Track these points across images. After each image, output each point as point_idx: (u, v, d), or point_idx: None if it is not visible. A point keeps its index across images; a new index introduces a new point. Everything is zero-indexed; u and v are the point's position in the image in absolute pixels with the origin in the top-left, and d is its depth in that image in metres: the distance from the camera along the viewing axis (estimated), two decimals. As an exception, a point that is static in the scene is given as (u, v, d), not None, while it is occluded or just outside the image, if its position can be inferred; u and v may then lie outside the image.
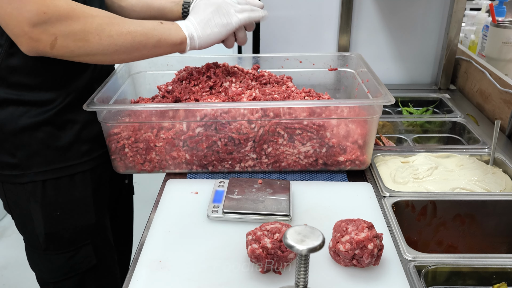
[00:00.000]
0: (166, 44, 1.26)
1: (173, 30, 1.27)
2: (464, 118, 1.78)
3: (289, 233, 0.78)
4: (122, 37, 1.17)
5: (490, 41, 2.02)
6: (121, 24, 1.18)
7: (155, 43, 1.24)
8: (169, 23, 1.28)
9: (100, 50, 1.16)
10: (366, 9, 2.06)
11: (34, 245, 1.39)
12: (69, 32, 1.11)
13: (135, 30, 1.20)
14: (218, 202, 1.22)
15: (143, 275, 1.02)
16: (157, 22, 1.26)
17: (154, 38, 1.23)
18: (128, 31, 1.18)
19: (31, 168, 1.29)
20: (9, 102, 1.23)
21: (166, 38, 1.25)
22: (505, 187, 1.37)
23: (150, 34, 1.22)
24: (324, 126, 1.32)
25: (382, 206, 1.25)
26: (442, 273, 1.06)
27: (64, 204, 1.35)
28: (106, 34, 1.15)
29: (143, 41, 1.21)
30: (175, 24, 1.29)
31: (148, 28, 1.22)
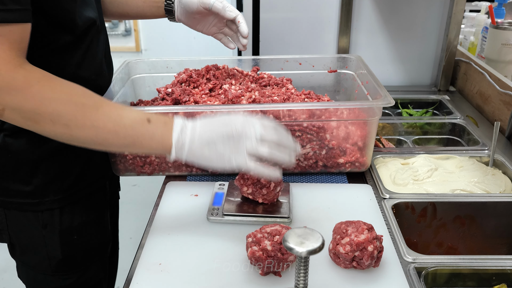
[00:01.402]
0: (142, 147, 1.03)
1: (157, 135, 1.02)
2: (463, 120, 1.78)
3: (288, 236, 0.78)
4: (82, 131, 0.99)
5: (489, 43, 2.02)
6: (87, 115, 0.99)
7: (127, 144, 1.02)
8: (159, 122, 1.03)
9: (53, 135, 1.01)
10: (366, 11, 2.06)
11: (41, 268, 1.31)
12: (17, 108, 0.96)
13: (103, 126, 0.99)
14: (218, 205, 1.22)
15: (143, 277, 1.02)
16: (143, 118, 1.02)
17: (127, 139, 1.01)
18: (92, 125, 0.98)
19: (47, 195, 1.23)
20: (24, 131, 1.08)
21: (143, 142, 1.02)
22: (505, 189, 1.37)
23: (122, 134, 1.00)
24: (324, 128, 1.32)
25: (382, 208, 1.25)
26: (442, 274, 1.06)
27: (80, 227, 1.30)
28: (62, 123, 0.98)
29: (109, 139, 1.01)
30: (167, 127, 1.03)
31: (124, 125, 1.00)
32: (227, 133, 1.00)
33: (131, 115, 1.02)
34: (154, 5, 1.47)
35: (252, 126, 1.00)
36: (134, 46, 4.63)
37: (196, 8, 1.40)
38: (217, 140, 1.00)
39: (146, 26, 4.55)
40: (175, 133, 1.01)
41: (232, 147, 1.00)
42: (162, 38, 4.52)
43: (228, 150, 1.00)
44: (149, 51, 4.65)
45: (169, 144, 1.01)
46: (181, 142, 1.01)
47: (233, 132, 1.00)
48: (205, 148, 1.01)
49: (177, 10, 1.45)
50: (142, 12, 1.49)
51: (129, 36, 4.62)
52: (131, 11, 1.50)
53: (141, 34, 4.61)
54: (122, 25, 4.55)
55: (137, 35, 4.58)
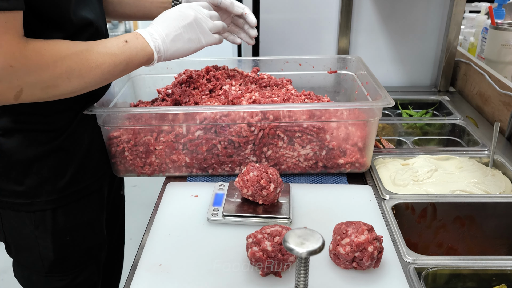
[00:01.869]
0: (133, 65, 1.18)
1: (139, 49, 1.18)
2: (463, 120, 1.78)
3: (289, 236, 0.78)
4: (91, 74, 1.09)
5: (489, 44, 2.02)
6: (89, 58, 1.08)
7: (123, 68, 1.15)
8: (134, 39, 1.18)
9: (69, 91, 1.09)
10: (366, 12, 2.07)
11: (35, 268, 1.32)
12: (37, 82, 1.02)
13: (103, 62, 1.10)
14: (218, 205, 1.22)
15: (143, 278, 1.02)
16: (122, 41, 1.16)
17: (122, 64, 1.15)
18: (96, 64, 1.09)
19: (39, 196, 1.23)
20: (17, 130, 1.18)
21: (133, 59, 1.17)
22: (505, 189, 1.37)
23: (118, 61, 1.14)
24: (324, 129, 1.32)
25: (382, 208, 1.25)
26: (442, 275, 1.06)
27: (74, 229, 1.30)
28: (76, 74, 1.07)
29: (111, 70, 1.13)
30: (140, 39, 1.19)
31: (114, 53, 1.13)
32: (187, 23, 1.23)
33: (113, 43, 1.15)
34: (161, 5, 1.48)
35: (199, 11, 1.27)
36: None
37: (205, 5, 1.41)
38: (183, 32, 1.23)
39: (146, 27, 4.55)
40: (150, 42, 1.19)
41: (197, 31, 1.25)
42: (162, 39, 4.51)
43: (194, 35, 1.25)
44: (149, 52, 4.65)
45: (150, 51, 1.19)
46: (157, 46, 1.20)
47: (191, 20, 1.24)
48: (177, 42, 1.22)
49: None
50: (149, 13, 1.49)
51: (129, 37, 4.62)
52: (138, 12, 1.51)
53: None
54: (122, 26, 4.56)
55: (137, 36, 4.58)
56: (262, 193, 1.17)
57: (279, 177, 1.20)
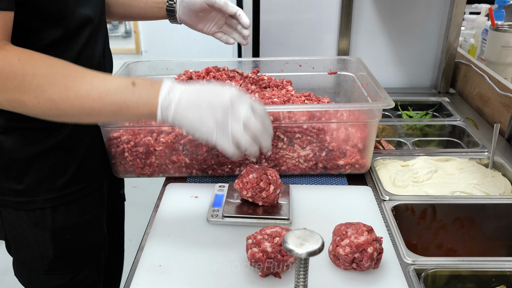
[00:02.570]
0: (130, 113, 1.00)
1: (143, 97, 0.99)
2: (463, 122, 1.78)
3: (288, 237, 0.78)
4: (66, 102, 0.97)
5: (489, 45, 2.02)
6: (69, 86, 0.97)
7: (114, 111, 1.00)
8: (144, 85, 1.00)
9: (40, 113, 1.00)
10: (366, 13, 2.07)
11: (35, 267, 1.32)
12: (2, 91, 0.96)
13: (86, 94, 0.97)
14: (218, 206, 1.22)
15: (143, 279, 1.02)
16: (127, 82, 1.00)
17: (114, 106, 0.99)
18: (76, 94, 0.97)
19: (39, 195, 1.23)
20: (16, 128, 1.17)
21: (129, 106, 0.99)
22: (505, 191, 1.37)
23: (108, 100, 0.98)
24: (323, 130, 1.32)
25: (382, 209, 1.25)
26: (442, 276, 1.07)
27: (73, 227, 1.30)
28: (47, 97, 0.97)
29: (95, 108, 0.98)
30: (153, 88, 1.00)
31: (107, 91, 0.98)
32: (215, 103, 0.98)
33: (115, 81, 1.01)
34: (155, 5, 1.48)
35: (241, 105, 0.98)
36: (134, 48, 4.63)
37: (200, 5, 1.42)
38: (203, 106, 0.98)
39: (146, 28, 4.55)
40: (162, 92, 0.99)
41: (218, 121, 0.97)
42: (162, 40, 4.52)
43: (212, 122, 0.97)
44: (149, 52, 4.65)
45: (155, 104, 0.99)
46: (167, 101, 0.98)
47: (221, 104, 0.97)
48: (190, 111, 0.98)
49: (179, 10, 1.45)
50: (144, 13, 1.49)
51: (129, 38, 4.62)
52: (133, 12, 1.50)
53: (141, 36, 4.61)
54: (122, 26, 4.55)
55: (137, 37, 4.58)
56: (261, 195, 1.17)
57: (278, 178, 1.20)
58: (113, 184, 1.50)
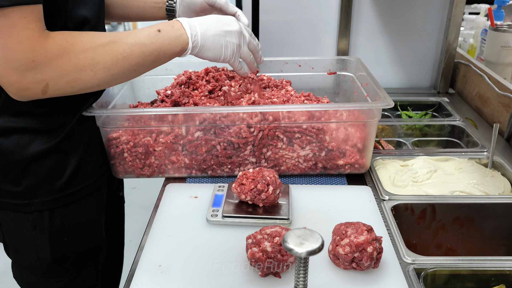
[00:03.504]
0: (166, 55, 1.17)
1: (173, 37, 1.17)
2: (463, 122, 1.78)
3: (288, 236, 0.78)
4: (118, 65, 1.09)
5: (488, 45, 2.02)
6: (115, 50, 1.08)
7: (153, 59, 1.15)
8: (168, 27, 1.17)
9: (96, 84, 1.09)
10: (365, 13, 2.07)
11: (33, 269, 1.32)
12: (60, 76, 1.03)
13: (130, 52, 1.10)
14: (217, 206, 1.22)
15: (143, 279, 1.02)
16: (154, 31, 1.15)
17: (152, 55, 1.14)
18: (123, 56, 1.09)
19: (37, 197, 1.22)
20: (14, 130, 1.17)
21: (165, 50, 1.16)
22: (504, 190, 1.37)
23: (148, 51, 1.13)
24: (323, 130, 1.32)
25: (382, 209, 1.25)
26: (442, 275, 1.07)
27: (72, 230, 1.30)
28: (101, 67, 1.07)
29: (140, 62, 1.12)
30: (177, 26, 1.18)
31: (144, 44, 1.12)
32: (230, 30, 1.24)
33: (144, 33, 1.13)
34: (155, 5, 1.47)
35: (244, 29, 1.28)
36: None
37: (200, 5, 1.43)
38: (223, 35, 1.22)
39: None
40: (187, 29, 1.18)
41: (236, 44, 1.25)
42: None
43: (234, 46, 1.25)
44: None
45: (186, 40, 1.18)
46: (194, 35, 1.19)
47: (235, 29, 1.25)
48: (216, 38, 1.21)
49: (178, 9, 1.45)
50: (143, 14, 1.49)
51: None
52: (132, 13, 1.50)
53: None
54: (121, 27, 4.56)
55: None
56: (261, 197, 1.17)
57: (277, 178, 1.20)
58: (112, 186, 1.50)
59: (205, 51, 1.22)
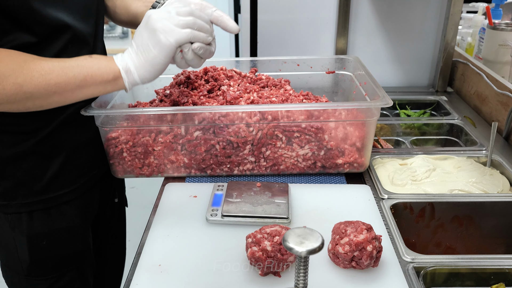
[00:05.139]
0: (95, 81, 1.06)
1: (103, 64, 1.07)
2: (461, 120, 1.78)
3: (288, 235, 0.78)
4: (32, 83, 1.00)
5: (486, 44, 2.03)
6: (31, 67, 1.01)
7: (79, 83, 1.05)
8: (101, 56, 1.10)
9: (5, 99, 1.01)
10: (363, 12, 2.07)
11: (15, 270, 1.31)
12: None
13: (49, 71, 1.01)
14: (217, 206, 1.22)
15: (143, 279, 1.02)
16: (85, 56, 1.08)
17: (78, 77, 1.04)
18: (40, 74, 1.01)
19: (15, 199, 1.21)
20: None
21: (93, 74, 1.05)
22: (503, 189, 1.37)
23: (71, 73, 1.03)
24: (322, 129, 1.32)
25: (381, 208, 1.25)
26: (441, 274, 1.07)
27: (51, 234, 1.28)
28: (11, 81, 0.99)
29: (61, 82, 1.03)
30: (109, 57, 1.10)
31: (68, 66, 1.04)
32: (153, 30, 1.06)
33: (74, 58, 1.07)
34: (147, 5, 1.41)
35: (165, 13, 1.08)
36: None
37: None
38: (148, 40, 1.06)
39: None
40: (117, 58, 1.09)
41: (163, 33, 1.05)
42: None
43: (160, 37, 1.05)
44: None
45: (117, 68, 1.07)
46: (125, 62, 1.08)
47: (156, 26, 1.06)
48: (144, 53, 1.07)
49: None
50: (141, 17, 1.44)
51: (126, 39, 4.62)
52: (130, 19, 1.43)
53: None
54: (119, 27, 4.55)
55: (135, 37, 4.58)
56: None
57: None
58: (105, 192, 1.48)
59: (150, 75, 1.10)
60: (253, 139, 1.32)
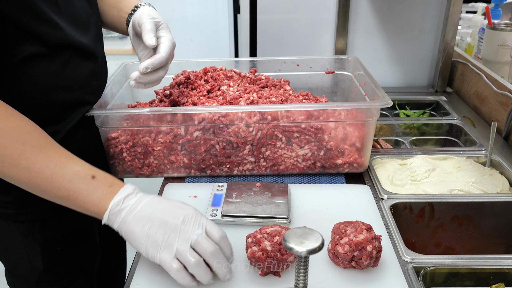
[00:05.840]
0: (76, 204, 0.98)
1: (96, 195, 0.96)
2: (461, 121, 1.78)
3: (288, 235, 0.78)
4: (14, 170, 0.94)
5: (486, 44, 2.03)
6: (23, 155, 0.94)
7: (60, 195, 0.97)
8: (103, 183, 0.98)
9: None
10: (363, 12, 2.07)
11: (25, 277, 1.30)
12: None
13: (39, 170, 0.94)
14: (216, 206, 1.22)
15: (143, 279, 1.02)
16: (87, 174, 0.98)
17: (62, 191, 0.96)
18: (27, 167, 0.94)
19: (26, 207, 1.20)
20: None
21: (77, 197, 0.96)
22: (502, 189, 1.37)
23: (58, 185, 0.95)
24: (322, 129, 1.32)
25: (380, 208, 1.26)
26: (441, 274, 1.07)
27: (64, 239, 1.28)
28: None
29: (42, 186, 0.96)
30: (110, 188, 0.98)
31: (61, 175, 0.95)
32: (167, 221, 0.93)
33: (75, 167, 0.97)
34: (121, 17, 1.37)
35: (195, 226, 0.94)
36: (131, 49, 4.61)
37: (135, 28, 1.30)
38: (154, 222, 0.94)
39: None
40: (117, 197, 0.96)
41: (165, 238, 0.93)
42: (159, 40, 4.51)
43: (159, 238, 0.93)
44: (146, 53, 4.64)
45: (105, 207, 0.95)
46: (119, 208, 0.96)
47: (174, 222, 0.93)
48: (139, 224, 0.94)
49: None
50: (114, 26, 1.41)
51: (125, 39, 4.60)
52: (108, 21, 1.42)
53: (138, 37, 4.60)
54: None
55: (134, 38, 4.57)
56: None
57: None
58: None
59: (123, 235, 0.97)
60: (253, 139, 1.32)
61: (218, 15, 3.89)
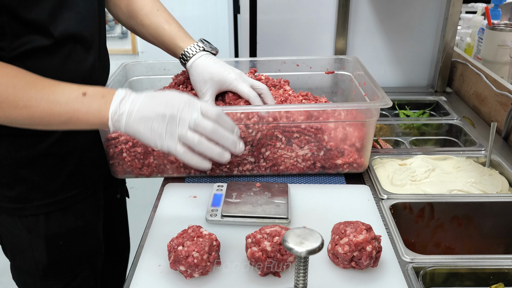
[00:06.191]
0: (80, 123, 1.01)
1: (94, 107, 1.00)
2: (460, 121, 1.78)
3: (288, 236, 0.78)
4: (15, 111, 0.98)
5: (485, 44, 2.03)
6: (18, 96, 0.97)
7: (64, 121, 1.00)
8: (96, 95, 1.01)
9: None
10: (363, 13, 2.07)
11: (30, 272, 1.31)
12: None
13: (36, 105, 0.97)
14: (216, 206, 1.22)
15: (143, 279, 1.03)
16: (78, 93, 1.00)
17: (63, 116, 0.99)
18: (25, 105, 0.97)
19: (31, 201, 1.22)
20: (4, 135, 1.16)
21: (79, 116, 1.00)
22: (502, 189, 1.38)
23: (57, 110, 0.98)
24: (321, 130, 1.32)
25: (380, 208, 1.26)
26: (440, 274, 1.07)
27: (68, 233, 1.29)
28: None
29: (45, 117, 0.99)
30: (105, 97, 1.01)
31: (57, 101, 0.98)
32: (164, 113, 0.99)
33: (66, 90, 1.01)
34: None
35: (190, 110, 0.99)
36: (131, 49, 4.62)
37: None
38: (154, 117, 0.99)
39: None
40: (113, 104, 1.00)
41: (167, 128, 0.99)
42: (158, 40, 4.51)
43: (162, 130, 0.99)
44: (146, 53, 4.65)
45: (106, 117, 1.00)
46: (118, 114, 1.00)
47: (170, 113, 0.98)
48: (141, 122, 0.99)
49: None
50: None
51: (125, 39, 4.61)
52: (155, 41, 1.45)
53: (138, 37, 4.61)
54: (118, 27, 4.55)
55: (134, 38, 4.57)
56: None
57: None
58: (108, 189, 1.49)
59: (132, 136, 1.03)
60: (253, 139, 1.32)
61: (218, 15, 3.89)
